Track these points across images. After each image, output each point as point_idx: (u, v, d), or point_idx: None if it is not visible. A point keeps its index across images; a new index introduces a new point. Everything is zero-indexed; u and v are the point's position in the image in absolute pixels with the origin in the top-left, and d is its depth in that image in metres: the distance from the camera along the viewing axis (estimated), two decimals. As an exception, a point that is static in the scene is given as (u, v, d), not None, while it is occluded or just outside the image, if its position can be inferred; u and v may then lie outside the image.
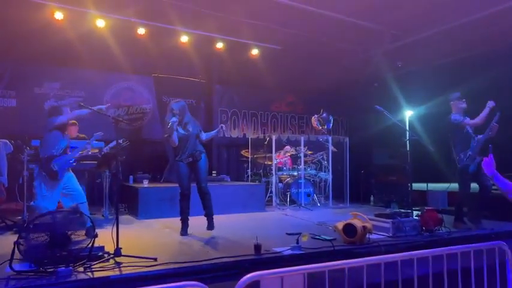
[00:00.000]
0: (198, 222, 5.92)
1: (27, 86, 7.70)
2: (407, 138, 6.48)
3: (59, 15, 6.53)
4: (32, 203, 4.30)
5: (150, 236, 4.87)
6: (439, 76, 8.28)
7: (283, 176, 8.50)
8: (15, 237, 3.26)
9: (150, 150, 8.53)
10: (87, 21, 6.87)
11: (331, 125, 7.90)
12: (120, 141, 5.92)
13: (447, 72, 8.12)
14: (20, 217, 5.58)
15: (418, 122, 9.49)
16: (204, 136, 5.01)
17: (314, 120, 7.97)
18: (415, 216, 5.05)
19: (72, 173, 4.56)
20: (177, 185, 5.08)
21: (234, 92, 9.85)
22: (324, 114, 7.73)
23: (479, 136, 5.28)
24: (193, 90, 8.21)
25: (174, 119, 4.65)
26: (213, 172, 9.01)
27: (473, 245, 2.93)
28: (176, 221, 5.95)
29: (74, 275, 3.10)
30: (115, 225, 3.73)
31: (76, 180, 4.56)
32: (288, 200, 7.99)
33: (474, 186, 5.34)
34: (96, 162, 5.73)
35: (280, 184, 8.37)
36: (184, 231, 4.84)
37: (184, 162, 4.80)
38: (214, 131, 4.98)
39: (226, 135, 9.64)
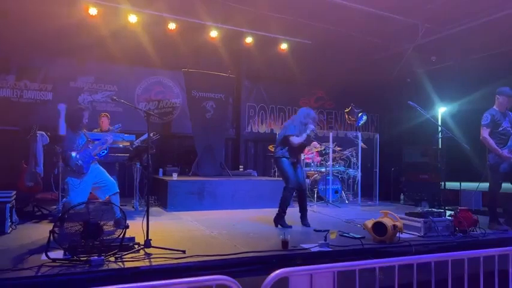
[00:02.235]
0: (225, 216, 5.97)
1: (62, 80, 7.96)
2: (440, 135, 6.26)
3: (93, 11, 6.70)
4: (64, 199, 4.43)
5: (178, 228, 4.93)
6: (473, 71, 7.95)
7: (310, 172, 8.42)
8: (50, 226, 3.37)
9: (179, 144, 8.64)
10: (120, 16, 7.01)
11: (361, 122, 7.72)
12: (151, 134, 6.03)
13: (482, 67, 7.78)
14: (55, 206, 5.80)
15: (451, 119, 9.18)
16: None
17: (346, 114, 7.83)
18: (448, 216, 4.87)
19: (99, 166, 4.66)
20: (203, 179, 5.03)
21: (262, 87, 9.82)
22: (353, 109, 7.55)
23: None
24: (222, 85, 8.24)
25: (312, 127, 5.05)
26: (240, 167, 9.05)
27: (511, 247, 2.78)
28: (204, 214, 6.06)
29: (105, 264, 3.18)
30: (145, 217, 3.79)
31: (105, 172, 4.65)
32: (316, 196, 7.91)
33: (509, 186, 5.10)
34: (127, 155, 5.86)
35: (307, 180, 8.30)
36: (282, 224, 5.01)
37: (291, 161, 5.09)
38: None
39: (253, 130, 9.63)
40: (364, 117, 8.00)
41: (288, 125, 5.15)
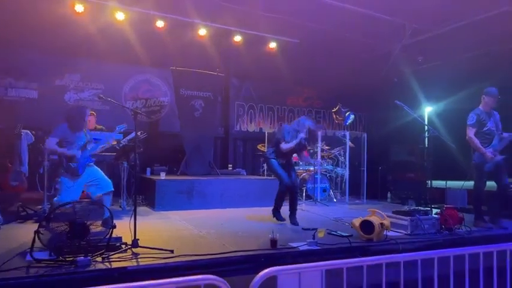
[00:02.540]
0: (214, 215, 5.95)
1: (48, 78, 7.83)
2: (427, 134, 6.34)
3: (79, 8, 6.59)
4: (54, 199, 4.36)
5: (166, 227, 4.90)
6: (459, 71, 8.07)
7: (299, 171, 8.44)
8: (35, 226, 3.31)
9: (167, 143, 8.58)
10: (106, 13, 6.91)
11: (348, 121, 7.77)
12: (139, 133, 5.97)
13: (468, 67, 7.90)
14: (40, 206, 5.70)
15: (437, 118, 9.30)
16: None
17: (333, 114, 7.88)
18: (434, 214, 4.94)
19: (94, 165, 4.59)
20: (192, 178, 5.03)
21: (251, 86, 9.82)
22: (340, 108, 7.59)
23: (505, 134, 5.11)
24: (211, 83, 8.20)
25: (302, 135, 5.17)
26: (229, 165, 9.02)
27: (496, 245, 2.84)
28: (193, 214, 6.02)
29: (92, 265, 3.14)
30: (132, 216, 3.76)
31: (100, 171, 4.58)
32: (304, 195, 7.94)
33: (493, 184, 5.20)
34: (114, 154, 5.78)
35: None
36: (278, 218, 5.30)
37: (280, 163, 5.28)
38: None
39: (242, 129, 9.62)
40: (352, 117, 8.05)
41: (285, 129, 5.30)
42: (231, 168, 8.89)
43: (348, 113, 7.89)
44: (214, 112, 8.51)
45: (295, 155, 5.34)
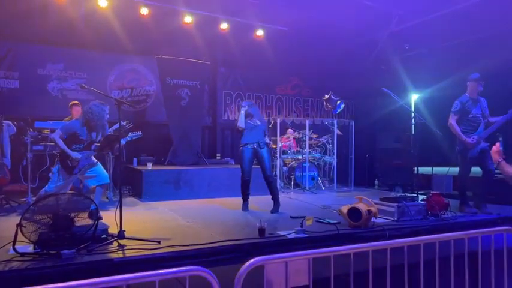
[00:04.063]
0: (201, 205, 5.93)
1: (30, 67, 7.62)
2: (413, 121, 6.37)
3: (60, -6, 6.39)
4: (42, 190, 4.27)
5: (153, 218, 4.87)
6: (446, 58, 8.11)
7: (287, 160, 8.44)
8: (19, 219, 3.23)
9: (154, 132, 8.48)
10: (89, 0, 6.72)
11: (338, 110, 7.77)
12: (124, 123, 5.87)
13: (455, 54, 7.94)
14: (24, 199, 5.59)
15: (423, 105, 9.36)
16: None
17: (324, 101, 7.85)
18: (421, 200, 4.99)
19: (94, 160, 4.51)
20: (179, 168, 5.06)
21: (238, 74, 9.72)
22: (331, 97, 7.58)
23: (492, 119, 5.16)
24: (197, 72, 8.11)
25: (243, 104, 5.44)
26: (217, 155, 8.98)
27: (481, 229, 2.87)
28: (180, 204, 6.01)
29: (77, 257, 3.08)
30: (119, 207, 3.70)
31: (99, 165, 4.52)
32: (292, 183, 7.96)
33: (478, 170, 5.27)
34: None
35: (284, 167, 8.31)
36: (244, 207, 5.36)
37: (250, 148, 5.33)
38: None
39: (230, 118, 9.56)
40: (342, 106, 8.04)
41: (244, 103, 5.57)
42: (219, 158, 8.85)
43: (338, 102, 7.88)
44: (201, 101, 8.43)
45: (285, 143, 5.37)
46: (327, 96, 7.78)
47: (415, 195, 5.11)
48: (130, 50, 8.10)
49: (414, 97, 9.58)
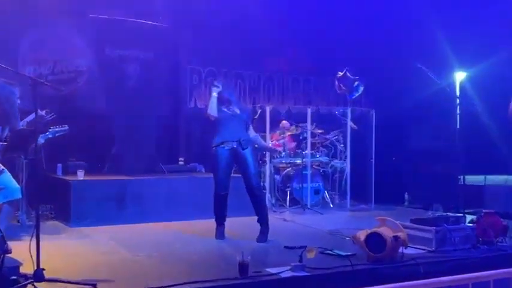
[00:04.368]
0: (157, 231, 5.89)
1: None
2: (459, 110, 6.45)
3: None
4: None
5: (87, 251, 4.83)
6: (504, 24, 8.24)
7: (281, 165, 8.45)
8: None
9: (88, 126, 8.36)
10: None
11: (355, 94, 7.82)
12: (43, 113, 5.78)
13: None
14: None
15: (473, 88, 9.48)
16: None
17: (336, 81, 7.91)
18: (469, 222, 5.05)
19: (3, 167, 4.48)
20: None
21: (210, 41, 9.66)
22: (347, 75, 7.63)
23: None
24: (151, 38, 8.05)
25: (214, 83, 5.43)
26: (180, 159, 8.94)
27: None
28: (126, 230, 5.97)
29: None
30: (35, 236, 3.65)
31: (7, 173, 4.50)
32: (288, 199, 7.98)
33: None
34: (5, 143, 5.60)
35: (276, 176, 8.31)
36: (218, 233, 5.38)
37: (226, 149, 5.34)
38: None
39: (199, 106, 9.52)
40: (361, 88, 8.12)
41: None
42: (182, 163, 8.81)
43: (357, 83, 7.95)
44: (157, 81, 8.39)
45: (277, 141, 5.38)
46: (341, 74, 7.83)
47: (461, 215, 5.17)
48: (53, 8, 7.97)
49: (460, 76, 9.69)
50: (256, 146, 7.27)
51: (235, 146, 5.27)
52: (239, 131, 5.34)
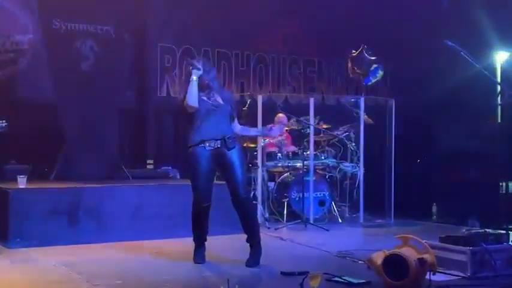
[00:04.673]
0: (119, 253, 5.87)
1: None
2: (501, 100, 6.48)
3: None
4: None
5: (30, 279, 4.79)
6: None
7: (276, 170, 8.45)
8: None
9: (31, 121, 8.34)
10: None
11: (372, 80, 7.82)
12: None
13: None
14: None
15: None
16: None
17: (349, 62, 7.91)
18: (512, 241, 5.09)
19: None
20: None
21: (186, 13, 9.66)
22: (364, 54, 7.63)
23: None
24: (111, 9, 8.02)
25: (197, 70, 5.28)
26: (149, 162, 8.91)
27: None
28: (80, 252, 5.92)
29: None
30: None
31: None
32: (286, 212, 7.98)
33: None
34: None
35: (271, 183, 8.32)
36: (197, 256, 5.32)
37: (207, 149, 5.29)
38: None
39: (172, 95, 9.51)
40: (380, 73, 8.11)
41: None
42: (151, 167, 8.78)
43: (374, 66, 7.94)
44: (118, 62, 8.39)
45: (272, 140, 5.35)
46: (356, 53, 7.83)
47: (503, 232, 5.19)
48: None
49: (501, 58, 9.75)
50: (245, 144, 7.30)
51: (218, 146, 5.25)
52: (223, 126, 5.31)
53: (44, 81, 8.26)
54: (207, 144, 5.23)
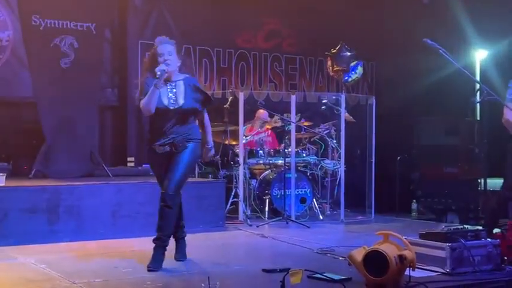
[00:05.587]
0: (100, 251, 5.83)
1: None
2: (479, 98, 6.53)
3: None
4: None
5: (9, 278, 4.73)
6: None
7: (258, 167, 8.44)
8: None
9: (9, 118, 8.27)
10: None
11: (352, 77, 7.83)
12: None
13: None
14: None
15: (496, 71, 9.58)
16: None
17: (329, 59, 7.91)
18: (491, 237, 5.11)
19: None
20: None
21: (167, 10, 9.62)
22: (343, 51, 7.64)
23: None
24: (90, 6, 7.96)
25: (163, 65, 4.87)
26: (130, 159, 8.87)
27: None
28: (60, 250, 5.89)
29: None
30: None
31: None
32: (267, 209, 8.00)
33: None
34: None
35: (253, 181, 8.31)
36: (154, 262, 4.92)
37: (158, 152, 5.04)
38: None
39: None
40: (360, 69, 8.12)
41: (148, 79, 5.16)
42: (132, 165, 8.74)
43: (355, 62, 7.95)
44: (99, 60, 8.36)
45: (254, 137, 5.25)
46: (335, 51, 7.83)
47: (482, 228, 5.22)
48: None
49: (480, 56, 9.81)
50: (227, 142, 7.26)
51: (167, 150, 5.04)
52: (177, 127, 5.03)
53: (22, 77, 8.20)
54: (157, 149, 5.03)
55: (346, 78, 7.93)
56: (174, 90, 5.04)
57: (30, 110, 7.93)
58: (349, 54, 7.74)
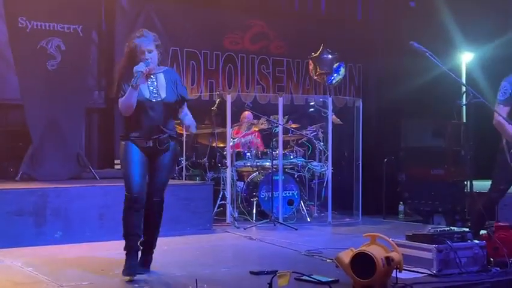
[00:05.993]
0: (87, 253, 5.81)
1: None
2: (465, 100, 6.56)
3: None
4: None
5: (-5, 280, 4.72)
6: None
7: (245, 169, 8.44)
8: None
9: (-3, 120, 8.25)
10: None
11: (336, 78, 7.84)
12: None
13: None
14: None
15: (482, 73, 9.64)
16: (187, 114, 5.02)
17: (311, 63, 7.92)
18: (477, 239, 5.14)
19: None
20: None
21: (155, 12, 9.60)
22: (325, 54, 7.65)
23: None
24: (77, 8, 7.94)
25: (142, 65, 4.67)
26: (116, 162, 8.83)
27: None
28: (47, 253, 5.86)
29: None
30: None
31: None
32: (255, 211, 8.00)
33: None
34: None
35: (240, 183, 8.30)
36: (129, 267, 4.78)
37: (139, 146, 4.86)
38: None
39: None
40: (342, 71, 8.14)
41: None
42: (119, 167, 8.71)
43: (337, 64, 7.96)
44: (86, 62, 8.34)
45: (240, 139, 5.22)
46: (316, 54, 7.85)
47: (468, 230, 5.25)
48: None
49: (466, 58, 9.87)
50: (214, 144, 7.24)
51: (150, 145, 4.91)
52: (158, 119, 4.88)
53: (9, 80, 8.15)
54: (138, 143, 4.90)
55: (330, 80, 7.93)
56: (155, 83, 4.90)
57: (17, 112, 7.89)
58: (330, 56, 7.76)
